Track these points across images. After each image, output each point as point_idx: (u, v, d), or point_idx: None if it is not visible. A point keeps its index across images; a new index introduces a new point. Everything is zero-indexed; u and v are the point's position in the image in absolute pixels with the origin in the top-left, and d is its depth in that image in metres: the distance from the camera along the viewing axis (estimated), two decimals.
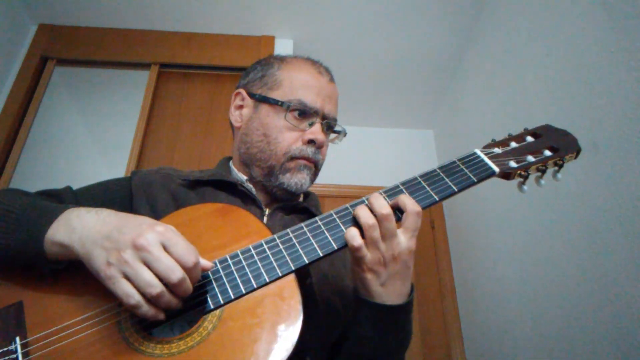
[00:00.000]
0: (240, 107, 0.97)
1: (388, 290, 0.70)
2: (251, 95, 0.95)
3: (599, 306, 1.38)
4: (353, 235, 0.67)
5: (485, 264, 2.23)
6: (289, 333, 0.60)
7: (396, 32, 2.48)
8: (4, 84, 2.28)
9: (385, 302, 0.70)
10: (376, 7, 2.35)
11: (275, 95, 0.91)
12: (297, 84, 0.91)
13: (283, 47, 2.50)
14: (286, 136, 0.89)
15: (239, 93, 0.98)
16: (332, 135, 0.99)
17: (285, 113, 0.89)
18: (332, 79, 0.97)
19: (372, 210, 0.68)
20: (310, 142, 0.89)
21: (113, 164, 2.21)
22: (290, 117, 0.89)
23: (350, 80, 2.77)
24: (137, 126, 2.22)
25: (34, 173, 2.15)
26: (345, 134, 0.99)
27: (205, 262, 0.64)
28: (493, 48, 2.23)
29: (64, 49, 2.40)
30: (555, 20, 1.71)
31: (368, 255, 0.68)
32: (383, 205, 0.67)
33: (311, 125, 0.90)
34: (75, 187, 0.88)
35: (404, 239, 0.68)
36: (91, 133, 2.35)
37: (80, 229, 0.62)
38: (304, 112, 0.89)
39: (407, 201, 0.69)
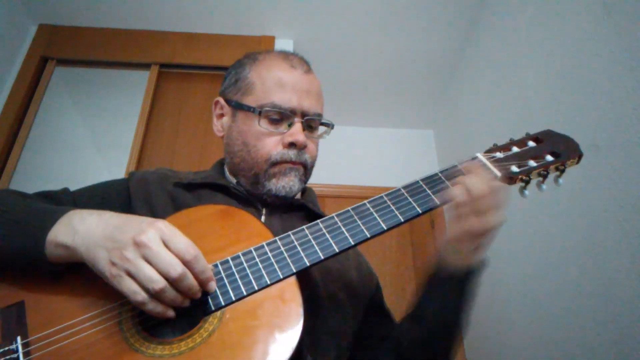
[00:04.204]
0: (221, 115, 0.94)
1: (477, 257, 0.76)
2: (228, 103, 0.92)
3: (599, 306, 1.38)
4: (457, 193, 0.71)
5: (487, 264, 2.22)
6: (289, 335, 0.61)
7: (396, 32, 2.48)
8: (4, 84, 2.27)
9: (473, 268, 0.76)
10: (376, 7, 2.35)
11: (249, 100, 0.88)
12: (268, 85, 0.86)
13: (283, 47, 2.50)
14: (265, 142, 0.85)
15: (217, 102, 0.95)
16: (322, 130, 0.93)
17: (258, 119, 0.85)
18: (308, 70, 0.91)
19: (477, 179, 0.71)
20: (291, 144, 0.85)
21: (113, 164, 2.21)
22: (265, 122, 0.85)
23: (350, 80, 2.77)
24: (137, 126, 2.21)
25: (34, 173, 2.15)
26: (332, 127, 0.93)
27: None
28: (493, 48, 2.23)
29: (64, 49, 2.40)
30: (555, 20, 1.71)
31: (474, 221, 0.70)
32: (488, 179, 0.71)
33: (290, 126, 0.86)
34: (75, 187, 0.88)
35: (498, 214, 0.71)
36: (91, 133, 2.35)
37: (83, 231, 0.63)
38: (281, 115, 0.85)
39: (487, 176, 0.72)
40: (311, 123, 0.89)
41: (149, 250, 0.58)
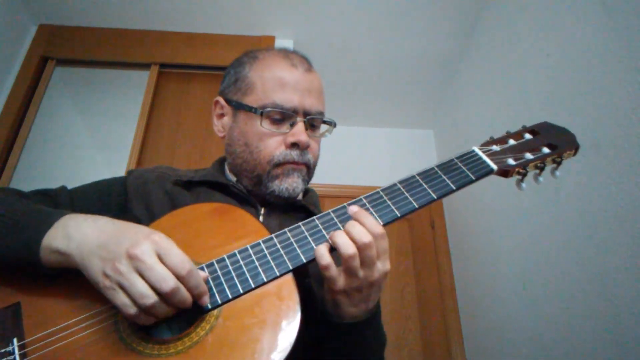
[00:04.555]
0: (221, 115, 0.93)
1: (359, 309, 0.69)
2: (228, 102, 0.91)
3: (599, 306, 1.38)
4: (322, 254, 0.65)
5: (486, 263, 2.22)
6: (287, 333, 0.60)
7: (396, 32, 2.47)
8: (4, 84, 2.27)
9: (354, 320, 0.70)
10: (376, 7, 2.35)
11: (250, 100, 0.87)
12: (269, 85, 0.85)
13: (283, 47, 2.50)
14: (267, 143, 0.84)
15: (217, 101, 0.94)
16: (324, 128, 0.92)
17: (260, 119, 0.84)
18: (309, 69, 0.90)
19: (350, 236, 0.64)
20: (294, 144, 0.84)
21: (113, 164, 2.21)
22: (267, 123, 0.84)
23: (350, 80, 2.77)
24: (137, 126, 2.22)
25: (34, 173, 2.16)
26: (334, 125, 0.92)
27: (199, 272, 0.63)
28: (493, 48, 2.23)
29: (64, 49, 2.40)
30: (555, 20, 1.70)
31: (342, 279, 0.65)
32: (363, 233, 0.64)
33: (292, 125, 0.85)
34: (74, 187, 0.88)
35: (380, 265, 0.66)
36: (91, 133, 2.35)
37: (78, 238, 0.62)
38: (283, 114, 0.84)
39: (369, 223, 0.65)
40: (313, 122, 0.88)
41: (142, 263, 0.57)
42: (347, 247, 0.63)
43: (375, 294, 0.68)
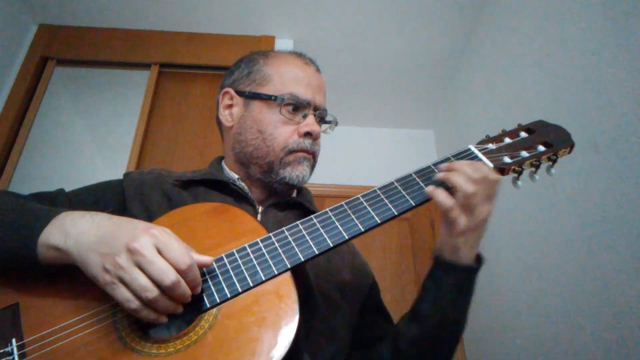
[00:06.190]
0: (230, 106, 0.96)
1: (473, 253, 0.75)
2: (240, 93, 0.94)
3: (599, 306, 1.37)
4: (444, 197, 0.70)
5: (486, 263, 2.22)
6: (285, 331, 0.60)
7: (396, 32, 2.48)
8: (4, 84, 2.27)
9: (470, 264, 0.75)
10: (376, 7, 2.35)
11: (266, 90, 0.91)
12: (286, 78, 0.91)
13: (283, 47, 2.50)
14: (282, 131, 0.89)
15: (226, 92, 0.96)
16: (325, 126, 0.99)
17: (279, 107, 0.89)
18: (318, 69, 0.97)
19: (466, 176, 0.70)
20: (307, 134, 0.89)
21: (113, 164, 2.21)
22: (285, 111, 0.89)
23: (350, 80, 2.77)
24: (137, 126, 2.21)
25: (34, 173, 2.15)
26: (336, 123, 1.00)
27: (203, 258, 0.63)
28: (493, 48, 2.23)
29: (64, 49, 2.40)
30: (555, 20, 1.70)
31: (463, 219, 0.71)
32: (475, 171, 0.70)
33: (304, 117, 0.90)
34: (74, 187, 0.88)
35: (489, 205, 0.72)
36: (91, 133, 2.35)
37: (75, 234, 0.62)
38: (297, 105, 0.90)
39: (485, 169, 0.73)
40: (320, 117, 0.94)
41: (142, 257, 0.58)
42: (468, 185, 0.70)
43: (482, 234, 0.75)
